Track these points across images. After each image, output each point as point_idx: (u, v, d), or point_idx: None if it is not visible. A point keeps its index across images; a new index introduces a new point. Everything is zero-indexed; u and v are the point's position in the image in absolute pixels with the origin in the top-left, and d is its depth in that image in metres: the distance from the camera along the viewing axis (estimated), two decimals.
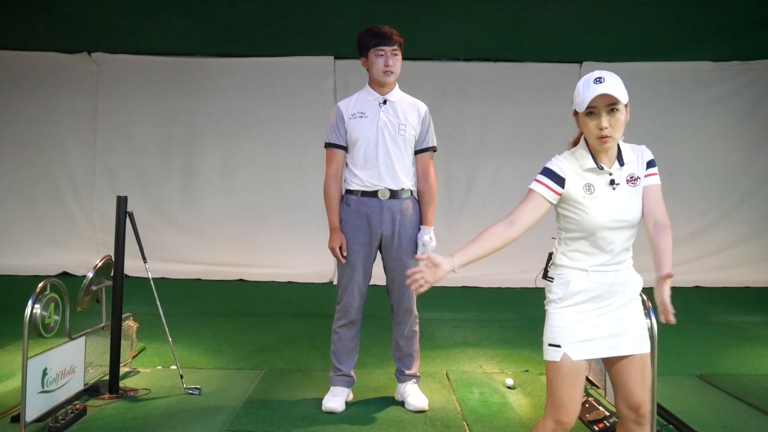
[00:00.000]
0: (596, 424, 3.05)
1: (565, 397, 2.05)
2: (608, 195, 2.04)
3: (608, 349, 2.06)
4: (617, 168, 2.05)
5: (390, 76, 3.20)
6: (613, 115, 1.97)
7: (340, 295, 3.30)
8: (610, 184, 2.05)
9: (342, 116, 3.26)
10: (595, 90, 1.94)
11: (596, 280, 2.05)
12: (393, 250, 3.24)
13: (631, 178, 2.06)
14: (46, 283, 2.98)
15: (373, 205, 3.21)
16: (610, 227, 2.03)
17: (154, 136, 7.72)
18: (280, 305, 6.32)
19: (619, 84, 1.98)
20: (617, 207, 2.03)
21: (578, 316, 2.06)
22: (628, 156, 2.08)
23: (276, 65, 7.67)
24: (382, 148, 3.20)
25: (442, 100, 7.52)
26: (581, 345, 2.04)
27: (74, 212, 7.68)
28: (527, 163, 7.80)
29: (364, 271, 3.27)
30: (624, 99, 1.97)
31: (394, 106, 3.25)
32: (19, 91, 7.63)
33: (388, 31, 3.21)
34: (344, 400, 3.27)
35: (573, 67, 7.65)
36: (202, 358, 4.31)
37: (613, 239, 2.04)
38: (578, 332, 2.05)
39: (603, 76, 1.97)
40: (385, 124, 3.21)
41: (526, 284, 7.13)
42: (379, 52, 3.19)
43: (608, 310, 2.06)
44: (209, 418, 3.11)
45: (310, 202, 7.68)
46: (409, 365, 3.37)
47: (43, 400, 2.94)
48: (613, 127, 1.97)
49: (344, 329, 3.30)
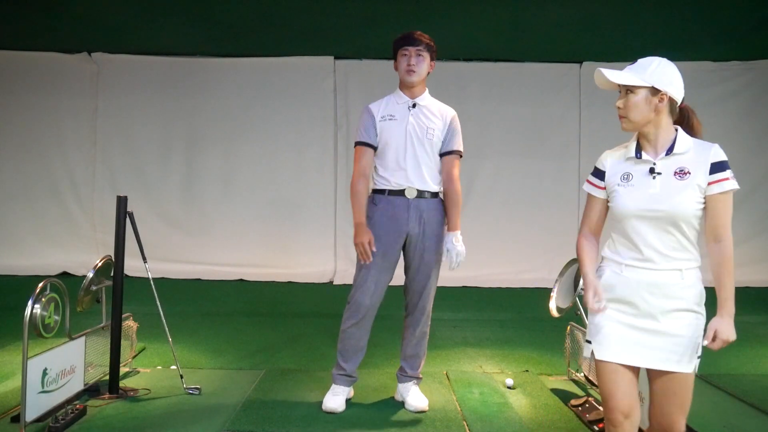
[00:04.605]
0: (596, 424, 3.05)
1: (604, 393, 2.03)
2: (645, 183, 1.97)
3: (639, 359, 1.97)
4: (663, 157, 1.98)
5: (412, 76, 3.21)
6: (628, 97, 1.98)
7: (352, 293, 3.27)
8: (650, 173, 1.98)
9: (373, 117, 3.27)
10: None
11: (628, 275, 1.99)
12: (417, 247, 3.24)
13: (680, 171, 1.95)
14: (46, 283, 2.97)
15: (400, 204, 3.21)
16: (639, 216, 1.96)
17: (154, 136, 7.72)
18: (280, 305, 6.32)
19: (639, 68, 1.99)
20: (651, 196, 1.95)
21: (614, 315, 2.00)
22: (681, 147, 1.98)
23: (276, 65, 7.66)
24: (410, 151, 3.22)
25: (442, 100, 7.46)
26: (609, 346, 1.99)
27: (74, 212, 7.68)
28: (527, 163, 7.89)
29: (387, 270, 3.25)
30: (626, 81, 1.98)
31: (423, 111, 3.27)
32: (19, 91, 7.62)
33: (416, 33, 3.24)
34: (344, 399, 3.27)
35: (573, 67, 7.66)
36: (202, 358, 4.31)
37: (644, 232, 1.96)
38: (609, 332, 1.99)
39: (638, 62, 2.02)
40: (413, 128, 3.23)
41: (526, 284, 7.14)
42: (404, 52, 3.23)
43: (643, 317, 1.96)
44: (209, 418, 3.10)
45: (311, 202, 7.70)
46: (414, 366, 3.37)
47: (43, 400, 2.93)
48: (627, 108, 1.98)
49: (353, 329, 3.27)
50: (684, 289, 1.95)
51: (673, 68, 2.00)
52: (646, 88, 1.96)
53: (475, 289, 7.13)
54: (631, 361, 1.98)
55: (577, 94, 7.67)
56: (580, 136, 7.71)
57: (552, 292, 3.94)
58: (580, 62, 7.62)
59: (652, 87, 1.96)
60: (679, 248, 1.96)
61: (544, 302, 3.99)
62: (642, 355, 1.97)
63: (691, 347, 1.94)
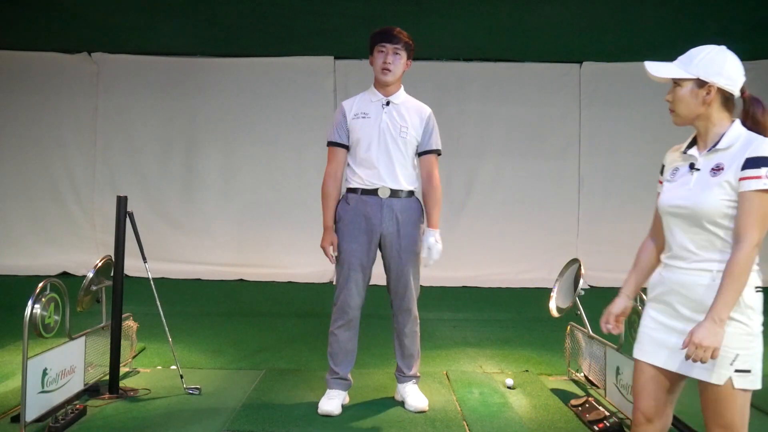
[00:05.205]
0: (596, 424, 3.05)
1: (632, 391, 1.99)
2: (684, 180, 1.89)
3: (669, 361, 1.88)
4: (705, 153, 1.87)
5: (387, 75, 3.17)
6: (675, 90, 1.89)
7: (337, 295, 3.26)
8: (690, 169, 1.89)
9: (345, 116, 3.26)
10: None
11: (664, 275, 1.93)
12: (394, 249, 3.22)
13: (716, 167, 1.82)
14: (46, 283, 2.97)
15: (373, 203, 3.19)
16: (669, 213, 1.90)
17: (154, 136, 7.72)
18: (280, 305, 6.32)
19: (686, 59, 1.88)
20: (681, 192, 1.87)
21: (653, 314, 1.95)
22: (726, 142, 1.83)
23: (276, 65, 7.67)
24: (383, 150, 3.19)
25: (442, 100, 7.50)
26: (642, 345, 1.95)
27: (74, 212, 7.68)
28: (527, 163, 7.90)
29: (363, 270, 3.24)
30: (668, 74, 1.88)
31: (398, 108, 3.23)
32: (19, 91, 7.63)
33: (395, 30, 3.19)
34: (340, 403, 3.25)
35: (573, 67, 7.66)
36: (202, 358, 4.31)
37: (675, 229, 1.88)
38: (644, 331, 1.96)
39: (688, 51, 1.90)
40: (387, 125, 3.19)
41: (526, 284, 7.14)
42: (381, 49, 3.17)
43: (677, 318, 1.87)
44: (209, 418, 3.10)
45: (310, 202, 7.66)
46: (409, 366, 3.36)
47: (43, 400, 2.93)
48: (674, 102, 1.89)
49: (341, 330, 3.26)
50: (715, 291, 1.77)
51: (726, 57, 1.86)
52: (692, 80, 1.85)
53: (475, 289, 7.12)
54: (659, 362, 1.90)
55: (577, 94, 7.67)
56: (580, 136, 7.71)
57: (552, 292, 3.95)
58: (580, 62, 7.62)
59: (697, 78, 1.85)
60: (709, 248, 1.82)
61: (544, 302, 3.99)
62: (672, 358, 1.87)
63: (723, 357, 1.75)
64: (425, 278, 3.45)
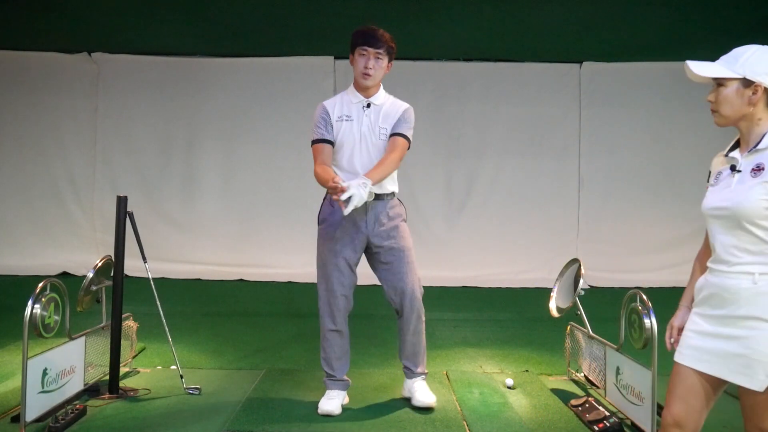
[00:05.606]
0: (596, 424, 3.05)
1: (669, 393, 1.96)
2: (726, 182, 1.86)
3: (708, 366, 1.85)
4: (747, 154, 1.84)
5: (367, 80, 3.15)
6: (719, 90, 1.86)
7: (326, 298, 3.25)
8: (732, 170, 1.86)
9: (329, 115, 3.24)
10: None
11: (708, 279, 1.89)
12: (385, 249, 3.21)
13: (757, 168, 1.79)
14: (46, 283, 2.97)
15: (359, 208, 3.16)
16: (710, 216, 1.87)
17: (154, 136, 7.71)
18: (281, 305, 6.32)
19: (731, 58, 1.86)
20: (723, 194, 1.84)
21: (697, 318, 1.91)
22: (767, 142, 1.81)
23: (276, 65, 7.66)
24: (364, 153, 3.18)
25: (442, 100, 7.53)
26: (681, 348, 1.93)
27: (74, 212, 7.67)
28: (527, 163, 7.89)
29: (345, 271, 3.22)
30: (713, 74, 1.86)
31: (378, 110, 3.21)
32: (19, 91, 7.62)
33: (378, 32, 3.14)
34: (340, 402, 3.25)
35: (573, 67, 7.65)
36: (202, 358, 4.31)
37: (717, 232, 1.85)
38: (685, 334, 1.93)
39: (732, 51, 1.87)
40: (367, 128, 3.18)
41: (526, 284, 7.13)
42: (362, 52, 3.16)
43: (718, 323, 1.83)
44: (209, 418, 3.10)
45: (310, 202, 7.64)
46: (417, 363, 3.35)
47: (43, 400, 2.94)
48: (717, 102, 1.85)
49: (333, 333, 3.27)
50: (756, 296, 1.75)
51: None
52: (738, 80, 1.82)
53: (475, 289, 7.12)
54: (697, 365, 1.88)
55: (577, 94, 7.66)
56: (580, 136, 7.70)
57: (552, 292, 3.95)
58: (580, 62, 7.61)
59: (743, 78, 1.81)
60: (752, 250, 1.78)
61: (544, 302, 3.99)
62: (711, 363, 1.84)
63: (763, 363, 1.73)
64: (425, 278, 3.45)
